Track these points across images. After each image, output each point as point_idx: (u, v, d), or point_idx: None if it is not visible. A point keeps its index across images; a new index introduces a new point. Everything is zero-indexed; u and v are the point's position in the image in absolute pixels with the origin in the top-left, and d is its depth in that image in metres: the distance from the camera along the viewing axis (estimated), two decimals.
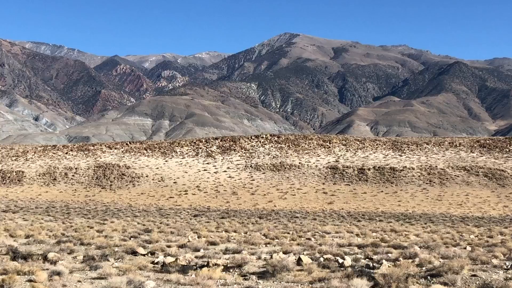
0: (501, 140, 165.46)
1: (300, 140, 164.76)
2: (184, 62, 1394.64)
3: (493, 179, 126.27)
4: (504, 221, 71.66)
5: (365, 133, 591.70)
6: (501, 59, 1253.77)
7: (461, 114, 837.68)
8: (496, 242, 38.37)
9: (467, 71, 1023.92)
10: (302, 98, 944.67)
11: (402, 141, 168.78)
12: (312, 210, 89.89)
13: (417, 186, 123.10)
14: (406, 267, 22.47)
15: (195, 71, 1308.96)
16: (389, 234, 46.27)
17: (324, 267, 25.00)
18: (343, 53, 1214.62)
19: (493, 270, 23.36)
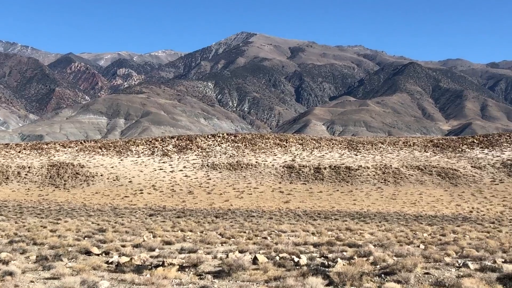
0: (454, 140, 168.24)
1: (257, 139, 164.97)
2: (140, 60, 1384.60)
3: (446, 178, 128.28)
4: (457, 219, 72.79)
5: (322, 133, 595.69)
6: (454, 60, 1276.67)
7: (415, 114, 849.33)
8: (449, 240, 38.97)
9: (421, 71, 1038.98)
10: (259, 97, 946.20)
11: (358, 140, 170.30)
12: (268, 209, 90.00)
13: (372, 185, 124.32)
14: (361, 265, 22.61)
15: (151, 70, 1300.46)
16: (344, 233, 46.56)
17: (279, 266, 25.01)
18: (299, 53, 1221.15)
19: (446, 268, 23.68)
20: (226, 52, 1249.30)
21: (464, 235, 45.85)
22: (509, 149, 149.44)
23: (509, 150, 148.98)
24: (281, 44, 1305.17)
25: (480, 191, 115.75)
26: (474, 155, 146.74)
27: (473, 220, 71.82)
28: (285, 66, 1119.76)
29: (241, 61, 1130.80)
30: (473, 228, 55.97)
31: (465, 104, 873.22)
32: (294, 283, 20.34)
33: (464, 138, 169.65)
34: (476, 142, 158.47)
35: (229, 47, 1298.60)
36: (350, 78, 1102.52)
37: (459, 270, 23.07)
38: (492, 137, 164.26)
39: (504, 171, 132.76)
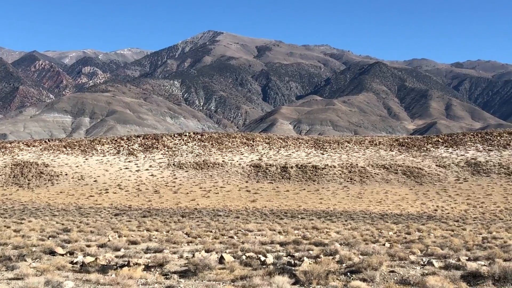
0: (419, 139, 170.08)
1: (223, 138, 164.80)
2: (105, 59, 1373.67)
3: (411, 177, 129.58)
4: (422, 218, 73.53)
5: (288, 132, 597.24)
6: (419, 60, 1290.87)
7: (381, 114, 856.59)
8: (414, 238, 39.30)
9: (387, 71, 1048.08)
10: (226, 96, 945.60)
11: (324, 139, 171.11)
12: (235, 208, 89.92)
13: (339, 184, 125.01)
14: (327, 264, 22.67)
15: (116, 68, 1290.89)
16: (310, 232, 46.70)
17: (246, 265, 24.96)
18: (266, 52, 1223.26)
19: (411, 266, 23.85)
20: (193, 51, 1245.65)
21: (429, 233, 46.29)
22: (473, 148, 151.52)
23: (473, 149, 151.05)
24: (248, 43, 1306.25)
25: (445, 189, 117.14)
26: (439, 154, 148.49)
27: (438, 218, 72.61)
28: (252, 65, 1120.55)
29: (208, 60, 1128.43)
30: (437, 226, 56.57)
31: (430, 104, 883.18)
32: (261, 282, 20.29)
33: (429, 137, 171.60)
34: (440, 141, 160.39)
35: (196, 46, 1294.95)
36: (316, 78, 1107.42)
37: (424, 268, 23.25)
38: (457, 136, 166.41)
39: (468, 170, 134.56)
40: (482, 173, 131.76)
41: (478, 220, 69.67)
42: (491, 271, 20.80)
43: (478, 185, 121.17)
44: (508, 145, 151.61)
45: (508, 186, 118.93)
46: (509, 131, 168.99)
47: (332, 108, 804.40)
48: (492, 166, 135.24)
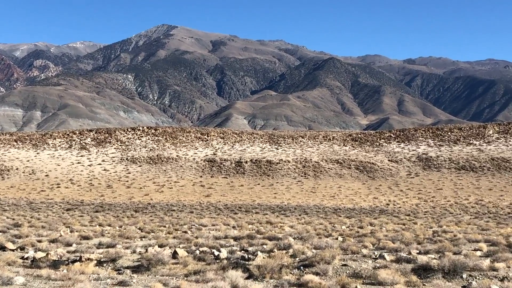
0: (372, 134, 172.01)
1: (177, 133, 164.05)
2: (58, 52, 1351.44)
3: (364, 171, 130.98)
4: (374, 212, 74.33)
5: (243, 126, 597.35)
6: (372, 56, 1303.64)
7: (335, 109, 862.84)
8: (366, 232, 39.71)
9: (341, 67, 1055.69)
10: (180, 91, 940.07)
11: (279, 134, 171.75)
12: (189, 203, 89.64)
13: (293, 179, 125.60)
14: (280, 258, 22.76)
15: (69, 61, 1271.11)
16: (264, 226, 46.84)
17: (200, 259, 24.92)
18: (221, 46, 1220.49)
19: (363, 260, 24.09)
20: (147, 45, 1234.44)
21: (381, 227, 46.84)
22: (424, 144, 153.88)
23: (424, 144, 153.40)
24: (202, 37, 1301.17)
25: (397, 184, 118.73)
26: (391, 149, 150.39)
27: (390, 212, 73.50)
28: (207, 60, 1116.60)
29: (162, 54, 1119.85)
30: (389, 220, 57.26)
31: (383, 99, 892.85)
32: (214, 277, 20.29)
33: (382, 133, 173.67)
34: (393, 137, 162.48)
35: (150, 40, 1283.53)
36: (271, 73, 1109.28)
37: (376, 262, 23.51)
38: (408, 131, 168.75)
39: (419, 164, 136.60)
40: (433, 168, 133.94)
41: (429, 214, 70.75)
42: (441, 264, 21.15)
43: (429, 179, 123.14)
44: (458, 140, 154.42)
45: (458, 180, 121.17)
46: (459, 126, 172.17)
47: (286, 103, 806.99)
48: (443, 161, 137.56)
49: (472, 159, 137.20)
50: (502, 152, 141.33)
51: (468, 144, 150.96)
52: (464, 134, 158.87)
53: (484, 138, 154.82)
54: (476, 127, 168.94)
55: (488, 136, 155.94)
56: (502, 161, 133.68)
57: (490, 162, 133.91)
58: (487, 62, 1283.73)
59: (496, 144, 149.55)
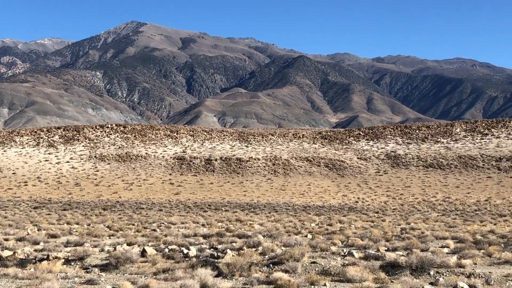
0: (341, 132, 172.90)
1: (147, 131, 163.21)
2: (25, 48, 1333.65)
3: (334, 169, 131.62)
4: (343, 209, 74.74)
5: (213, 124, 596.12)
6: (342, 54, 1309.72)
7: (305, 107, 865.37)
8: (335, 230, 39.92)
9: (311, 65, 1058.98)
10: (150, 88, 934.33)
11: (249, 132, 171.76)
12: (158, 201, 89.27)
13: (262, 176, 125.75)
14: (250, 255, 22.76)
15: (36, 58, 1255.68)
16: (234, 224, 46.85)
17: (168, 258, 24.83)
18: (191, 43, 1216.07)
19: (332, 257, 24.20)
20: (116, 41, 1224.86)
21: (349, 224, 47.12)
22: (393, 141, 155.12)
23: (393, 142, 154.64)
24: (172, 34, 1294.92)
25: (366, 182, 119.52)
26: (360, 147, 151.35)
27: (359, 210, 73.98)
28: (176, 57, 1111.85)
29: (131, 51, 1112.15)
30: (358, 217, 57.63)
31: (352, 98, 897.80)
32: (183, 275, 20.22)
33: (351, 131, 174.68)
34: (362, 134, 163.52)
35: (119, 37, 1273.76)
36: (241, 70, 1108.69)
37: (345, 259, 23.63)
38: (377, 129, 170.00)
39: (388, 162, 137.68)
40: (401, 165, 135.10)
41: (397, 212, 71.37)
42: (408, 261, 21.33)
43: (398, 177, 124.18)
44: (426, 138, 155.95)
45: (426, 178, 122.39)
46: (427, 125, 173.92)
47: (256, 101, 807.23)
48: (411, 158, 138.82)
49: (439, 157, 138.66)
50: (469, 150, 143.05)
51: (436, 142, 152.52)
52: (432, 132, 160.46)
53: (451, 136, 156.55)
54: (443, 125, 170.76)
55: (455, 134, 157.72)
56: (469, 159, 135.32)
57: (457, 160, 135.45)
58: (454, 61, 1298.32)
59: (463, 142, 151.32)
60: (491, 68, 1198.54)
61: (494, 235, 34.25)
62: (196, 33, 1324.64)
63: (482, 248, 26.80)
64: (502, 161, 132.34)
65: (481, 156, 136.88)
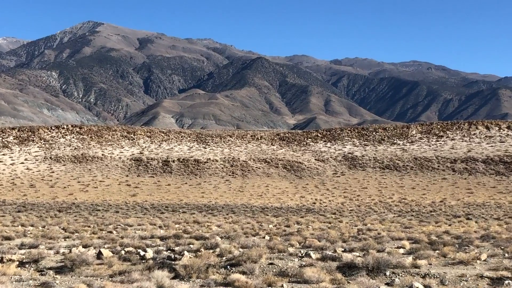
0: (299, 133, 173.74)
1: (103, 131, 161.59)
2: None
3: (292, 171, 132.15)
4: (301, 211, 75.06)
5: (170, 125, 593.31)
6: (300, 56, 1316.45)
7: (263, 108, 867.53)
8: (293, 231, 40.02)
9: (269, 66, 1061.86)
10: (106, 89, 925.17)
11: (207, 133, 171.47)
12: (114, 202, 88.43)
13: (220, 178, 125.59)
14: (207, 257, 22.65)
15: None
16: (192, 226, 46.64)
17: (125, 260, 24.57)
18: (148, 44, 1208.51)
19: (289, 258, 24.23)
20: (72, 41, 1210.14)
21: (307, 225, 47.32)
22: (350, 143, 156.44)
23: (350, 144, 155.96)
24: (129, 34, 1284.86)
25: (323, 183, 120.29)
26: (318, 149, 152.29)
27: (316, 211, 74.38)
28: (134, 57, 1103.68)
29: (88, 51, 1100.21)
30: (316, 219, 57.91)
31: (310, 99, 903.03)
32: (140, 277, 20.03)
33: (309, 132, 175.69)
34: (320, 136, 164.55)
35: (75, 36, 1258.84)
36: (199, 71, 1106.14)
37: (302, 260, 23.68)
38: (335, 131, 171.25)
39: (345, 164, 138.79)
40: (358, 167, 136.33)
41: (354, 213, 71.94)
42: (365, 261, 21.46)
43: (355, 178, 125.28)
44: (383, 140, 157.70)
45: (382, 179, 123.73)
46: (384, 126, 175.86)
47: (215, 102, 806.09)
48: (368, 160, 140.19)
49: (396, 158, 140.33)
50: (424, 151, 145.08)
51: (392, 144, 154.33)
52: (388, 134, 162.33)
53: (407, 138, 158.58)
54: (400, 127, 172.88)
55: (411, 136, 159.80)
56: (425, 161, 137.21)
57: (413, 162, 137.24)
58: (410, 63, 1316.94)
59: (419, 144, 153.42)
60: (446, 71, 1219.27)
61: (449, 236, 34.73)
62: (153, 33, 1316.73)
63: (437, 248, 27.12)
64: (456, 162, 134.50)
65: (437, 157, 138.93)
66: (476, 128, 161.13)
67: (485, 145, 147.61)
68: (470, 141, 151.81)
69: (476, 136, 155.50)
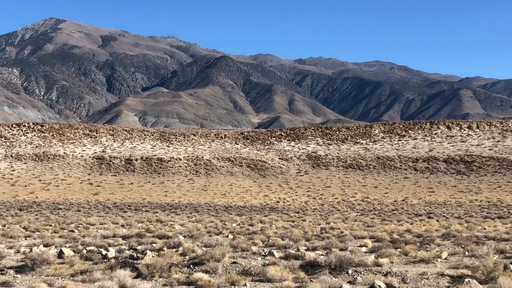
0: (263, 132, 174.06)
1: (65, 129, 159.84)
2: None
3: (255, 169, 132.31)
4: (264, 209, 75.12)
5: (134, 124, 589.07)
6: (264, 55, 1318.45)
7: (227, 107, 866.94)
8: (256, 230, 40.05)
9: (233, 65, 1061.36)
10: (68, 86, 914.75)
11: (170, 132, 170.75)
12: (76, 201, 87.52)
13: (184, 177, 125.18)
14: (170, 256, 22.55)
15: None
16: (154, 225, 46.40)
17: (87, 259, 24.37)
18: (111, 41, 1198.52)
19: (252, 257, 24.25)
20: (33, 38, 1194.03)
21: (271, 224, 47.39)
22: (313, 142, 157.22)
23: (313, 143, 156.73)
24: (92, 32, 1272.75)
25: (287, 182, 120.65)
26: (282, 148, 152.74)
27: (280, 210, 74.51)
28: (96, 55, 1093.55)
29: (50, 48, 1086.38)
30: (279, 217, 58.02)
31: (274, 98, 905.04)
32: (101, 276, 19.87)
33: (273, 131, 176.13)
34: (283, 135, 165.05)
35: (37, 33, 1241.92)
36: (163, 69, 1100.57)
37: (265, 259, 23.71)
38: (299, 130, 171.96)
39: (309, 163, 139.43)
40: (322, 166, 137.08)
41: (318, 211, 72.23)
42: (328, 260, 21.57)
43: (318, 177, 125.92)
44: (346, 139, 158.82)
45: (346, 178, 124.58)
46: (347, 126, 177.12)
47: (178, 100, 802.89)
48: (331, 159, 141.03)
49: (359, 157, 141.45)
50: (387, 151, 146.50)
51: (355, 143, 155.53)
52: (351, 133, 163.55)
53: (370, 138, 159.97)
54: (363, 126, 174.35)
55: (374, 136, 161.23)
56: (387, 160, 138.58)
57: (376, 161, 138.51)
58: (374, 63, 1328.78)
59: (382, 143, 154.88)
60: (409, 71, 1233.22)
61: (411, 234, 35.11)
62: (117, 31, 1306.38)
63: (398, 247, 27.40)
64: (418, 162, 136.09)
65: (399, 157, 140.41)
66: (438, 128, 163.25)
67: (447, 144, 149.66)
68: (432, 141, 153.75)
69: (438, 136, 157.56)
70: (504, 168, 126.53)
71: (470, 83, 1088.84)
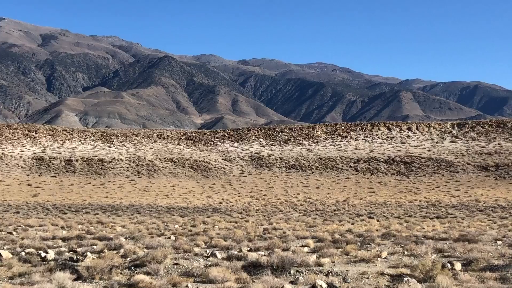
0: (206, 133, 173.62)
1: (3, 130, 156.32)
2: None
3: (199, 170, 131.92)
4: (207, 210, 74.97)
5: (74, 124, 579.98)
6: (207, 56, 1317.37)
7: (170, 107, 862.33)
8: (199, 231, 39.93)
9: (176, 65, 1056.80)
10: (7, 86, 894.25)
11: (112, 132, 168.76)
12: (15, 203, 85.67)
13: (126, 178, 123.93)
14: (111, 258, 22.28)
15: None
16: (95, 226, 45.79)
17: (25, 261, 23.90)
18: (52, 40, 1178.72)
19: (195, 258, 24.16)
20: None
21: (213, 225, 47.32)
22: (257, 143, 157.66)
23: (257, 144, 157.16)
24: (32, 30, 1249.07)
25: (230, 183, 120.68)
26: (225, 148, 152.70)
27: (223, 211, 74.49)
28: (36, 54, 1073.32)
29: None
30: (222, 218, 57.99)
31: (217, 99, 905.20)
32: (40, 279, 19.53)
33: (216, 132, 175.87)
34: (227, 136, 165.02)
35: None
36: (104, 69, 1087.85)
37: (208, 260, 23.66)
38: (242, 131, 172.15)
39: (252, 163, 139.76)
40: (265, 166, 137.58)
41: (260, 212, 72.45)
42: (270, 260, 21.65)
43: (261, 178, 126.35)
44: (289, 140, 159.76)
45: (288, 179, 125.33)
46: (290, 127, 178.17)
47: (120, 100, 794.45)
48: (274, 160, 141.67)
49: (301, 158, 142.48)
50: (329, 152, 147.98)
51: (298, 144, 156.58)
52: (294, 134, 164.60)
53: (313, 138, 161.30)
54: (305, 127, 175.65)
55: (316, 137, 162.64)
56: (329, 161, 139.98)
57: (318, 162, 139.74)
58: (316, 65, 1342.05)
59: (324, 144, 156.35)
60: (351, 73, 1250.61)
61: (352, 234, 35.54)
62: (57, 29, 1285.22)
63: (340, 247, 27.68)
64: (359, 162, 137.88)
65: (341, 157, 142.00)
66: (378, 129, 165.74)
67: (387, 145, 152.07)
68: (373, 142, 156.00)
69: (378, 137, 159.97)
70: (442, 169, 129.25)
71: (410, 85, 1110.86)
